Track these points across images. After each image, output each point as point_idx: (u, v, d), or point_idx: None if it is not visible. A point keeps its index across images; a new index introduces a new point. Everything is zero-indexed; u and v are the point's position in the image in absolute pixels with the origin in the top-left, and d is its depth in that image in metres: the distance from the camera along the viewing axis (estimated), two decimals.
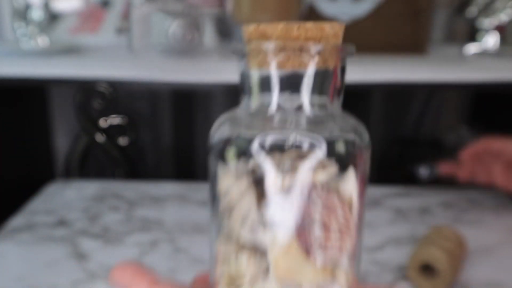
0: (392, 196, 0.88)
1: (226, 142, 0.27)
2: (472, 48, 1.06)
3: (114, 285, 0.35)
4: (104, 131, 1.24)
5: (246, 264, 0.25)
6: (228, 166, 0.27)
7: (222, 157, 0.28)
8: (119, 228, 0.73)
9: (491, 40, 1.05)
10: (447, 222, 0.75)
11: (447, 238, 0.59)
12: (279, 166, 0.24)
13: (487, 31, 1.05)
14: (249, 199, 0.25)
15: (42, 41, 0.99)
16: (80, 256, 0.65)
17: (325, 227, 0.24)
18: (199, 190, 0.87)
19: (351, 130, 0.26)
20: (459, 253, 0.59)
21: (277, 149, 0.24)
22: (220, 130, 0.30)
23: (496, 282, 0.51)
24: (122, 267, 0.35)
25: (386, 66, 0.95)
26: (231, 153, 0.27)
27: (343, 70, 0.28)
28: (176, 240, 0.69)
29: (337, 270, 0.24)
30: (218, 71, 0.94)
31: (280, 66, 0.25)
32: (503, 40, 1.04)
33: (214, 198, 0.29)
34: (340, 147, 0.24)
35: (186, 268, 0.62)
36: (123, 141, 1.26)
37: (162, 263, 0.63)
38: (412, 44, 1.08)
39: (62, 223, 0.74)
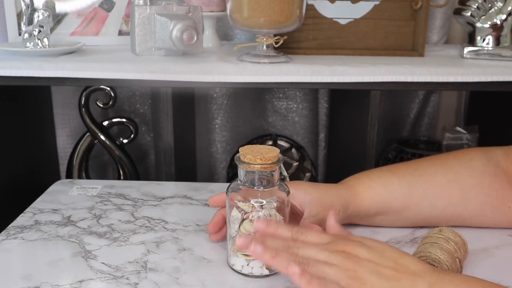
0: None
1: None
2: (469, 49, 1.07)
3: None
4: (106, 131, 1.24)
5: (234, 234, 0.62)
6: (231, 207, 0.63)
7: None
8: (124, 227, 0.74)
9: (487, 41, 1.06)
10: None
11: (447, 239, 0.60)
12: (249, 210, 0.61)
13: (483, 32, 1.05)
14: (236, 221, 0.62)
15: (46, 42, 0.99)
16: (86, 255, 0.66)
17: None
18: (201, 190, 0.88)
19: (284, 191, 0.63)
20: (459, 254, 0.60)
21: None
22: (230, 187, 0.63)
23: (496, 283, 0.51)
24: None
25: (385, 67, 0.95)
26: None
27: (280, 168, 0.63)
28: (180, 240, 0.70)
29: None
30: (218, 72, 0.95)
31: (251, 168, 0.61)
32: (499, 41, 1.05)
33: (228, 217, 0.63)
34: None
35: (190, 267, 0.63)
36: (125, 141, 1.26)
37: (167, 263, 0.64)
38: (410, 45, 1.09)
39: (67, 222, 0.75)
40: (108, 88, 1.19)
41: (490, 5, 1.03)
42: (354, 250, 0.52)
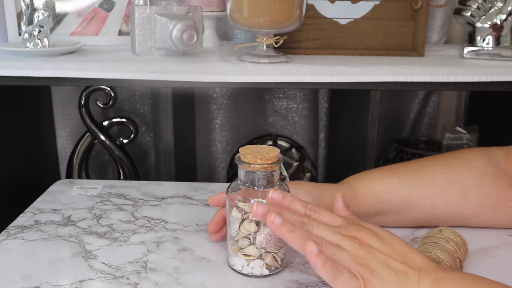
0: None
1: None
2: (469, 49, 1.07)
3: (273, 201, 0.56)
4: (106, 131, 1.24)
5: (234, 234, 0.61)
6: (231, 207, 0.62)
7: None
8: (124, 227, 0.74)
9: (487, 41, 1.06)
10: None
11: (448, 238, 0.60)
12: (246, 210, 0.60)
13: (483, 32, 1.05)
14: (236, 221, 0.61)
15: (46, 42, 0.99)
16: (86, 255, 0.66)
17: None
18: (201, 190, 0.88)
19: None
20: (459, 254, 0.60)
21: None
22: (230, 187, 0.63)
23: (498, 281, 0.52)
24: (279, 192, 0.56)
25: (385, 67, 0.95)
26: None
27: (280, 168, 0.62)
28: (180, 240, 0.70)
29: None
30: (218, 72, 0.95)
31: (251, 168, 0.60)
32: (499, 41, 1.05)
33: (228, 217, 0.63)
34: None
35: (190, 267, 0.63)
36: (125, 141, 1.26)
37: (167, 263, 0.64)
38: (410, 45, 1.09)
39: (67, 222, 0.75)
40: (108, 88, 1.19)
41: (490, 5, 1.03)
42: (367, 238, 0.52)
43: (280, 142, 1.39)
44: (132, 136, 1.27)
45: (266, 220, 0.52)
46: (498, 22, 1.04)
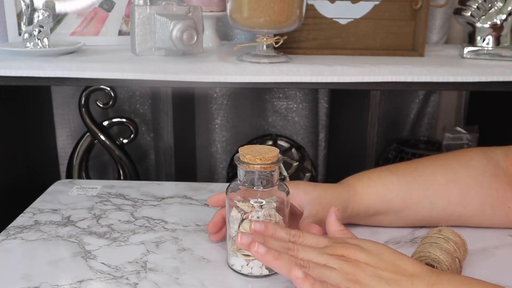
0: None
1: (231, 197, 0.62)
2: (469, 49, 1.07)
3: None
4: (106, 131, 1.24)
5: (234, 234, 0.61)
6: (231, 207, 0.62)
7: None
8: (123, 227, 0.74)
9: (487, 41, 1.05)
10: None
11: (447, 238, 0.60)
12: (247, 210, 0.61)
13: (483, 32, 1.05)
14: (236, 221, 0.61)
15: (46, 42, 0.99)
16: (85, 255, 0.66)
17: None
18: (201, 190, 0.88)
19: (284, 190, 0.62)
20: (459, 254, 0.60)
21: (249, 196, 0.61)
22: (230, 187, 0.63)
23: (496, 283, 0.51)
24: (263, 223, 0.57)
25: (385, 67, 0.95)
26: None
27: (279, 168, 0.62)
28: (179, 240, 0.70)
29: None
30: (218, 72, 0.95)
31: (250, 168, 0.60)
32: (499, 41, 1.05)
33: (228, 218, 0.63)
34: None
35: (190, 268, 0.63)
36: (125, 141, 1.26)
37: (166, 263, 0.64)
38: (410, 45, 1.09)
39: (67, 222, 0.75)
40: (108, 88, 1.19)
41: (490, 5, 1.03)
42: (353, 254, 0.52)
43: (280, 142, 1.39)
44: (132, 136, 1.27)
45: (251, 250, 0.52)
46: (498, 22, 1.04)
